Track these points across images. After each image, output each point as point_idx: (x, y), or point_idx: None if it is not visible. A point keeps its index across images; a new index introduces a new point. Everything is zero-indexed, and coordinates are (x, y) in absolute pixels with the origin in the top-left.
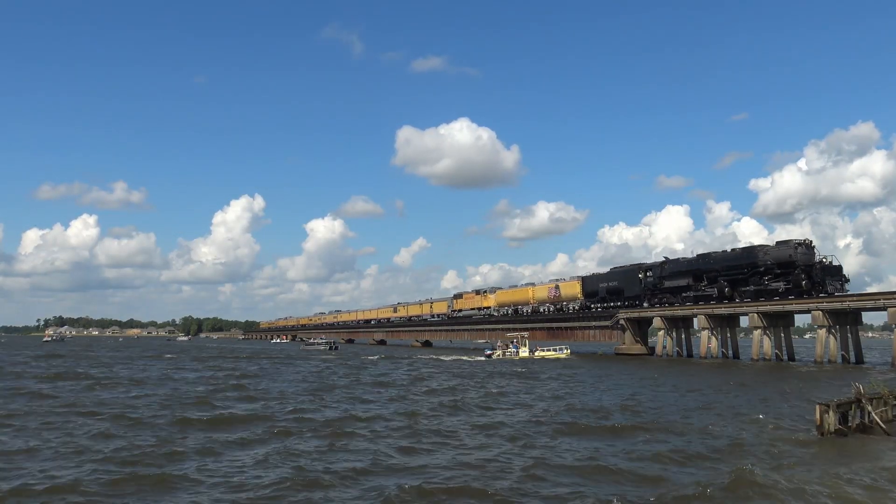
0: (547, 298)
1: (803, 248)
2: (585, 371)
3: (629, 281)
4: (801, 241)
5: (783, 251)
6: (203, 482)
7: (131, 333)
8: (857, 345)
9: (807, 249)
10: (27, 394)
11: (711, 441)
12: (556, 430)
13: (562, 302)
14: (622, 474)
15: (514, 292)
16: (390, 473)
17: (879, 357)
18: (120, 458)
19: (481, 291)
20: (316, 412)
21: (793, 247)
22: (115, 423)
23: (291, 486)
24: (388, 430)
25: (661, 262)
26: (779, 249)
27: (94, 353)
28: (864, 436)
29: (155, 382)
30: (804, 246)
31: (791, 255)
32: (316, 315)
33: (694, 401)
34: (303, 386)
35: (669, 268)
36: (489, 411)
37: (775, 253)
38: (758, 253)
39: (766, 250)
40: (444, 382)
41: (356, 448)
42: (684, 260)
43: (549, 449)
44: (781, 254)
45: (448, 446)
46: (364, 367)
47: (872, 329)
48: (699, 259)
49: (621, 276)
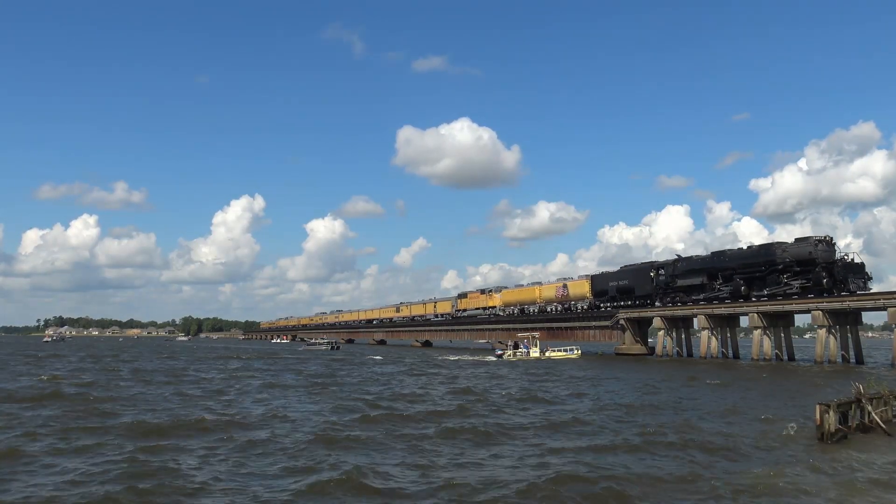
0: (554, 298)
1: (823, 245)
2: (610, 372)
3: (640, 280)
4: (821, 237)
5: (803, 248)
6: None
7: (131, 333)
8: (857, 345)
9: (827, 246)
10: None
11: (709, 439)
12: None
13: (570, 301)
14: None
15: (520, 292)
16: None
17: (884, 357)
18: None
19: (486, 291)
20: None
21: (812, 244)
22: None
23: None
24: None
25: (674, 260)
26: (798, 246)
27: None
28: (864, 436)
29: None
30: (824, 243)
31: (811, 253)
32: (317, 315)
33: (693, 401)
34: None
35: (682, 266)
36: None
37: (794, 250)
38: (775, 250)
39: (784, 247)
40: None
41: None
42: (698, 258)
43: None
44: (801, 251)
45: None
46: (390, 379)
47: (872, 329)
48: (713, 257)
49: (632, 275)
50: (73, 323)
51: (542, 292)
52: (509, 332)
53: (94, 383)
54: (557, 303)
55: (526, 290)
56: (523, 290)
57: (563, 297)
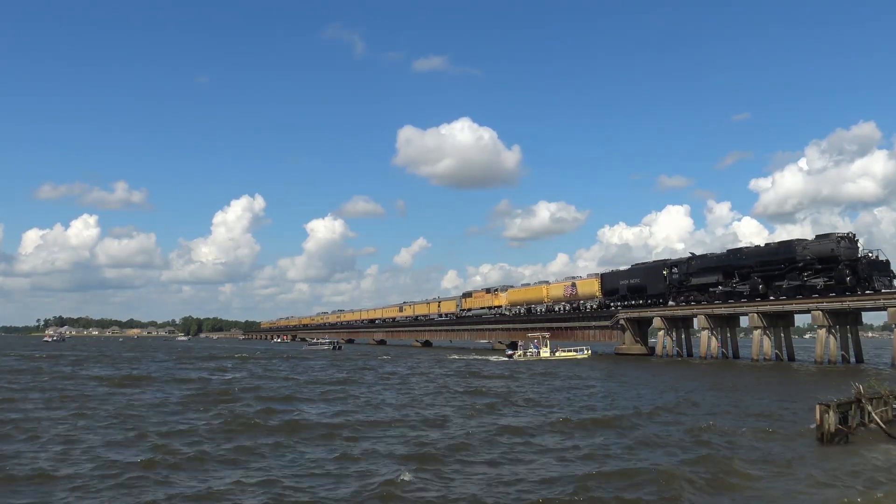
0: (563, 297)
1: (846, 242)
2: (623, 372)
3: (653, 278)
4: (844, 234)
5: (824, 245)
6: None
7: (131, 333)
8: (857, 345)
9: (850, 243)
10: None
11: (709, 437)
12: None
13: (578, 300)
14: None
15: (526, 291)
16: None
17: (887, 357)
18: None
19: (492, 290)
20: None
21: (835, 240)
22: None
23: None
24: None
25: (688, 258)
26: (819, 243)
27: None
28: (864, 436)
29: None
30: (847, 239)
31: (833, 250)
32: (318, 314)
33: (691, 400)
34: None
35: (697, 264)
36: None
37: (815, 247)
38: (796, 247)
39: (804, 244)
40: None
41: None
42: (713, 255)
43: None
44: (823, 248)
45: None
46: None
47: (872, 329)
48: (730, 254)
49: (644, 273)
50: (72, 323)
51: (550, 291)
52: (510, 333)
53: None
54: (566, 302)
55: (533, 290)
56: (530, 290)
57: (571, 296)
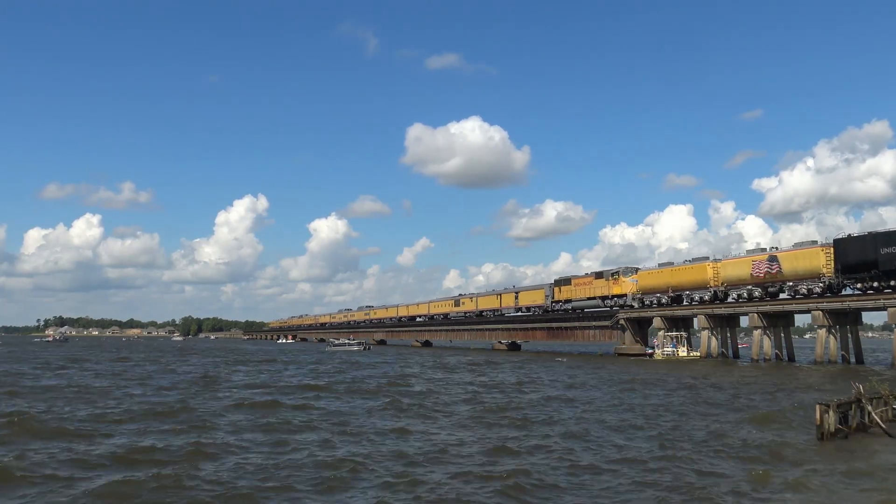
0: (749, 277)
1: None
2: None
3: None
4: None
5: None
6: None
7: (131, 333)
8: (857, 345)
9: None
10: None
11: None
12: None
13: (779, 282)
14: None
15: (674, 272)
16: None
17: (888, 357)
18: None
19: (607, 274)
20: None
21: None
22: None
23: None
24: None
25: None
26: None
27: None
28: (864, 436)
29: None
30: None
31: None
32: (340, 312)
33: (690, 399)
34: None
35: None
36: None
37: None
38: None
39: None
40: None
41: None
42: None
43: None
44: None
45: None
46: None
47: (872, 329)
48: None
49: None
50: (73, 323)
51: (723, 270)
52: (510, 333)
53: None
54: (754, 284)
55: (685, 270)
56: (681, 270)
57: (767, 276)
